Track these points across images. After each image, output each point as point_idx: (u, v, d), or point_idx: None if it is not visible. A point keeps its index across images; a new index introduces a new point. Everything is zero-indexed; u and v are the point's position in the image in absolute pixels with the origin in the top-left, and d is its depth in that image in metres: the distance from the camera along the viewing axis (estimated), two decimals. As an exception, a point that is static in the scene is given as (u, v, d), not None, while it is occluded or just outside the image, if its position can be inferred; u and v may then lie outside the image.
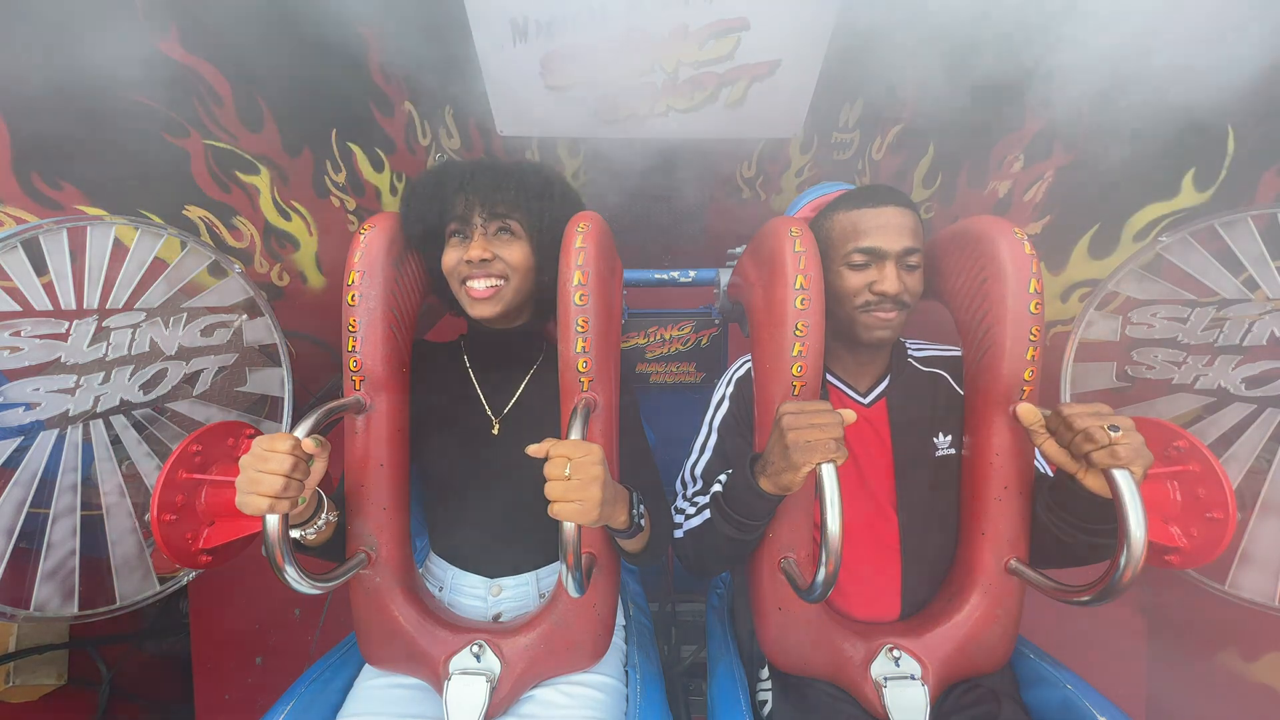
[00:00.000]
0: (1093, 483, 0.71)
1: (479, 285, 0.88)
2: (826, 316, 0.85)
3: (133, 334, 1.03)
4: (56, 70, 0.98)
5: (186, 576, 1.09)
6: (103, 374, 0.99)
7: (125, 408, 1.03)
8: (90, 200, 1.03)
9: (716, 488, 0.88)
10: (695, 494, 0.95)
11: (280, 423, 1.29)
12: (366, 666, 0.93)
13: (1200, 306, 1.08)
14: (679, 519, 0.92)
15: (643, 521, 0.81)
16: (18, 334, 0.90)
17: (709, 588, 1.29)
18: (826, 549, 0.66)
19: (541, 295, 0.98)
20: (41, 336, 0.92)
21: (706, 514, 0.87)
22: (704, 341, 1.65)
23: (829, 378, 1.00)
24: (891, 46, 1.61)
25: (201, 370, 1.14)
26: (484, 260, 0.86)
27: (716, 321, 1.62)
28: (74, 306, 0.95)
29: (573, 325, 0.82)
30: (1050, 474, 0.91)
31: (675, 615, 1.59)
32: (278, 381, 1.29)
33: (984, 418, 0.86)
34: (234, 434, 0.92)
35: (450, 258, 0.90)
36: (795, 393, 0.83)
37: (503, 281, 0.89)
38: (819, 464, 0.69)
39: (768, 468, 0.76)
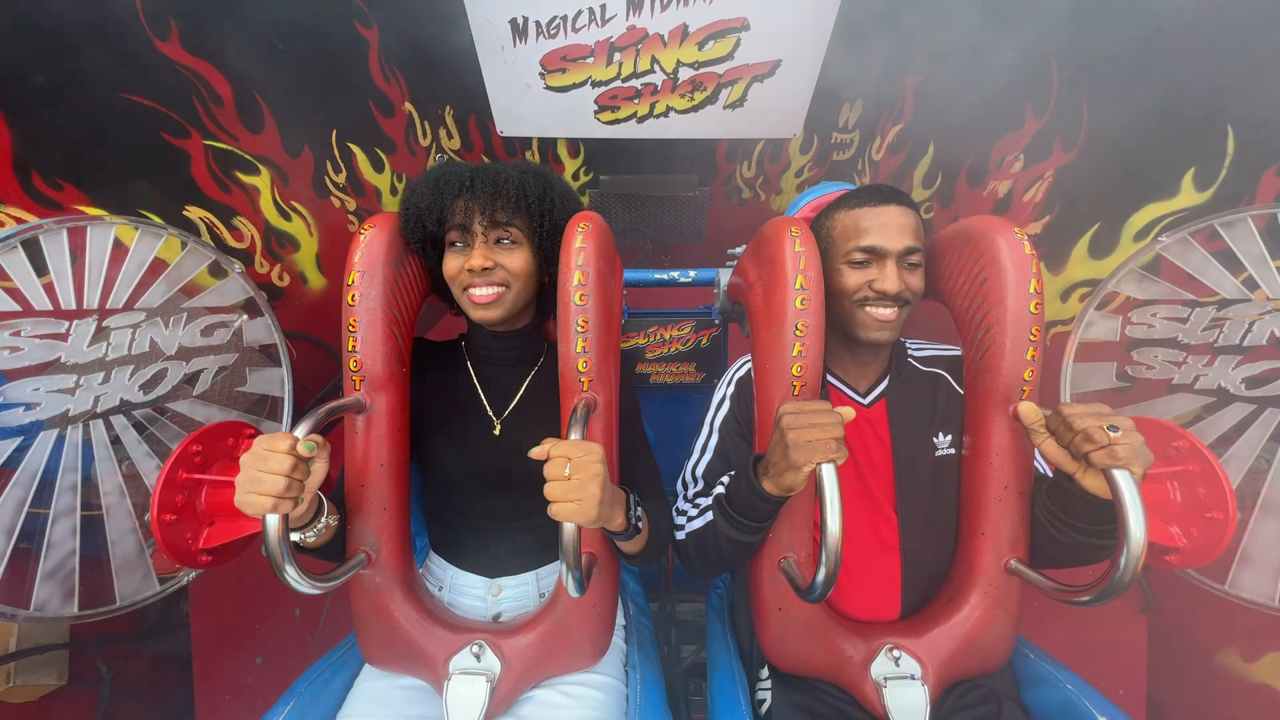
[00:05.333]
0: (1092, 483, 0.71)
1: (481, 292, 0.88)
2: (826, 316, 0.85)
3: (133, 334, 1.03)
4: (57, 70, 0.98)
5: (186, 576, 1.09)
6: (103, 374, 0.99)
7: (125, 408, 1.03)
8: (90, 200, 1.03)
9: (719, 490, 0.88)
10: (696, 495, 0.95)
11: (280, 423, 1.29)
12: (366, 666, 0.94)
13: (1200, 306, 1.08)
14: (680, 520, 0.92)
15: (640, 524, 0.81)
16: (18, 334, 0.90)
17: (709, 588, 1.29)
18: (826, 549, 0.66)
19: (543, 296, 0.98)
20: (41, 336, 0.92)
21: (708, 515, 0.87)
22: (704, 341, 1.65)
23: (829, 378, 1.00)
24: (891, 47, 1.61)
25: (201, 370, 1.14)
26: (485, 269, 0.86)
27: (716, 321, 1.62)
28: (74, 306, 0.95)
29: (573, 325, 0.82)
30: (1050, 474, 0.91)
31: (675, 615, 1.59)
32: (278, 381, 1.29)
33: (984, 417, 0.86)
34: (234, 434, 0.92)
35: (451, 265, 0.89)
36: (795, 393, 0.83)
37: (505, 288, 0.89)
38: (819, 464, 0.69)
39: (770, 469, 0.76)
